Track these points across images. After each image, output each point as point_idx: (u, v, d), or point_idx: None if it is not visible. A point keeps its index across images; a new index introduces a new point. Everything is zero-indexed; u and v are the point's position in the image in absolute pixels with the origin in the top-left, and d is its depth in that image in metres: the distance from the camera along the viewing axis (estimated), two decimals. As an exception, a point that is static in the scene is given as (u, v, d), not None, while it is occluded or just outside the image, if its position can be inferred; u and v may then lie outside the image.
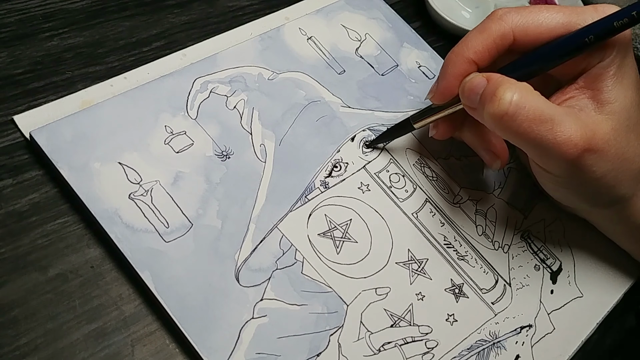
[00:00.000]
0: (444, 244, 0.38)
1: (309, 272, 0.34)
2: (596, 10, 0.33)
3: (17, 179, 0.33)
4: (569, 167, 0.32)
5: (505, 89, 0.31)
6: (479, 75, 0.33)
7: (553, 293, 0.39)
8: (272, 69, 0.40)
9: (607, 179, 0.33)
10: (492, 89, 0.32)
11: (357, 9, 0.46)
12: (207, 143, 0.36)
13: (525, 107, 0.31)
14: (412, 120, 0.38)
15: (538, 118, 0.31)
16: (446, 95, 0.35)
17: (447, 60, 0.35)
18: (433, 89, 0.36)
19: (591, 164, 0.32)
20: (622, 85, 0.33)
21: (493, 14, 0.34)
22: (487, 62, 0.34)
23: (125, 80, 0.37)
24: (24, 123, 0.34)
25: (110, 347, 0.30)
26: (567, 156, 0.31)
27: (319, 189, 0.37)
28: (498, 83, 0.32)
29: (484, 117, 0.32)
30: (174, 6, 0.42)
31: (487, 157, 0.38)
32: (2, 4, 0.38)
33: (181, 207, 0.34)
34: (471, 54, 0.34)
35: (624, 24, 0.31)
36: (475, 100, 0.33)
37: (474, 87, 0.33)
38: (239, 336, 0.31)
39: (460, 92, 0.34)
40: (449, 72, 0.34)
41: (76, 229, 0.33)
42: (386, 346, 0.34)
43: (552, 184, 0.36)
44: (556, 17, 0.33)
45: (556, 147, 0.31)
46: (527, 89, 0.32)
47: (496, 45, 0.33)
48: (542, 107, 0.31)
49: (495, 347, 0.36)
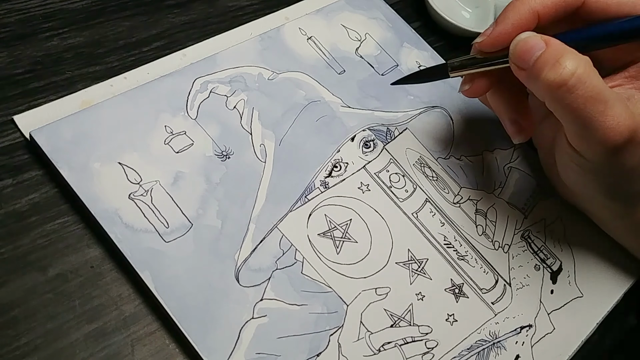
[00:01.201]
0: (444, 244, 0.38)
1: (308, 272, 0.34)
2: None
3: (17, 179, 0.33)
4: (607, 153, 0.32)
5: (570, 58, 0.30)
6: (536, 35, 0.32)
7: (553, 293, 0.39)
8: (272, 69, 0.40)
9: (635, 172, 0.33)
10: (555, 55, 0.30)
11: (357, 9, 0.46)
12: (207, 143, 0.36)
13: (586, 83, 0.30)
14: (450, 67, 0.36)
15: (595, 97, 0.30)
16: (498, 44, 0.33)
17: (510, 5, 0.33)
18: (487, 33, 0.34)
19: (630, 154, 0.32)
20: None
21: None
22: (550, 20, 0.33)
23: (125, 80, 0.37)
24: (24, 123, 0.34)
25: (110, 347, 0.30)
26: (611, 142, 0.31)
27: (319, 189, 0.37)
28: (562, 51, 0.31)
29: (537, 82, 0.31)
30: (174, 6, 0.42)
31: (511, 128, 0.36)
32: (2, 4, 0.38)
33: (181, 207, 0.34)
34: (538, 6, 0.32)
35: None
36: (528, 62, 0.31)
37: (530, 47, 0.31)
38: (239, 336, 0.31)
39: (512, 48, 0.32)
40: (509, 18, 0.33)
41: (76, 229, 0.33)
42: (386, 346, 0.34)
43: (577, 168, 0.35)
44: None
45: (603, 130, 0.31)
46: (589, 64, 0.31)
47: (565, 3, 0.32)
48: (601, 86, 0.30)
49: (495, 347, 0.36)
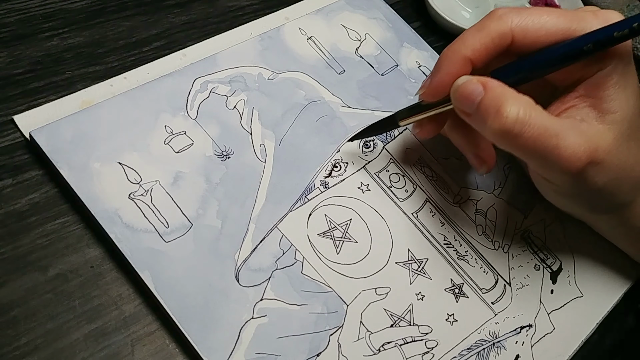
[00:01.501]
0: (444, 243, 0.38)
1: (308, 272, 0.34)
2: (596, 17, 0.32)
3: (17, 179, 0.33)
4: (571, 179, 0.32)
5: (510, 104, 0.30)
6: (473, 79, 0.32)
7: (553, 293, 0.39)
8: (272, 69, 0.40)
9: (608, 188, 0.33)
10: (495, 103, 0.31)
11: (357, 9, 0.46)
12: (207, 143, 0.36)
13: (530, 124, 0.30)
14: (398, 117, 0.37)
15: (543, 134, 0.30)
16: (438, 93, 0.34)
17: (442, 56, 0.34)
18: (425, 85, 0.35)
19: (593, 175, 0.32)
20: (624, 93, 0.32)
21: (493, 13, 0.33)
22: (483, 62, 0.33)
23: (125, 80, 0.37)
24: (24, 123, 0.34)
25: (110, 347, 0.30)
26: (571, 170, 0.31)
27: (319, 188, 0.37)
28: (500, 97, 0.31)
29: (484, 129, 0.32)
30: (174, 6, 0.42)
31: (474, 161, 0.37)
32: (2, 4, 0.38)
33: (181, 207, 0.34)
34: (468, 52, 0.33)
35: (624, 35, 0.30)
36: (470, 107, 0.32)
37: (469, 93, 0.32)
38: (239, 336, 0.31)
39: (453, 94, 0.33)
40: (443, 69, 0.34)
41: (76, 229, 0.33)
42: (386, 346, 0.34)
43: (553, 192, 0.36)
44: (556, 22, 0.32)
45: (560, 161, 0.31)
46: (531, 104, 0.31)
47: (494, 45, 0.33)
48: (547, 123, 0.31)
49: (495, 347, 0.36)
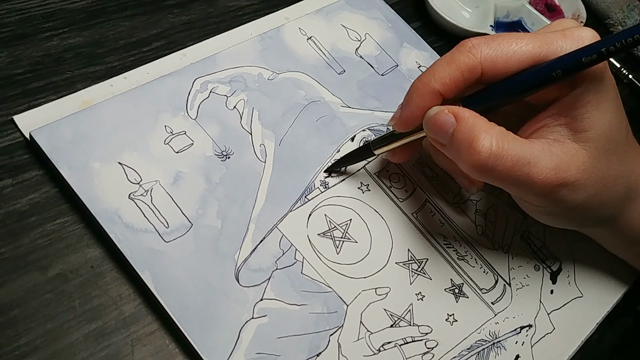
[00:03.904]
0: (444, 244, 0.38)
1: (308, 272, 0.34)
2: (566, 38, 0.32)
3: (17, 179, 0.33)
4: (548, 200, 0.33)
5: (482, 138, 0.31)
6: (444, 110, 0.32)
7: (553, 293, 0.39)
8: (272, 69, 0.40)
9: (589, 204, 0.33)
10: (467, 137, 0.31)
11: (357, 9, 0.46)
12: (207, 143, 0.36)
13: (503, 156, 0.31)
14: (373, 147, 0.37)
15: (516, 163, 0.31)
16: (409, 125, 0.34)
17: (412, 89, 0.34)
18: (396, 117, 0.35)
19: (568, 194, 0.32)
20: (599, 111, 0.32)
21: (462, 45, 0.33)
22: (453, 94, 0.33)
23: (125, 80, 0.37)
24: (24, 123, 0.34)
25: (110, 347, 0.30)
26: (546, 191, 0.32)
27: (319, 189, 0.37)
28: (473, 130, 0.31)
29: (459, 162, 0.32)
30: (174, 6, 0.42)
31: (463, 182, 0.38)
32: (2, 4, 0.38)
33: (181, 207, 0.34)
34: (438, 86, 0.33)
35: (593, 60, 0.30)
36: (444, 138, 0.32)
37: (441, 125, 0.32)
38: (239, 336, 0.31)
39: (425, 126, 0.33)
40: (413, 102, 0.33)
41: (76, 229, 0.33)
42: (386, 346, 0.34)
43: (536, 212, 0.36)
44: (525, 49, 0.32)
45: (533, 186, 0.31)
46: (503, 134, 0.31)
47: (464, 78, 0.32)
48: (519, 151, 0.31)
49: (495, 347, 0.36)
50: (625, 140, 0.34)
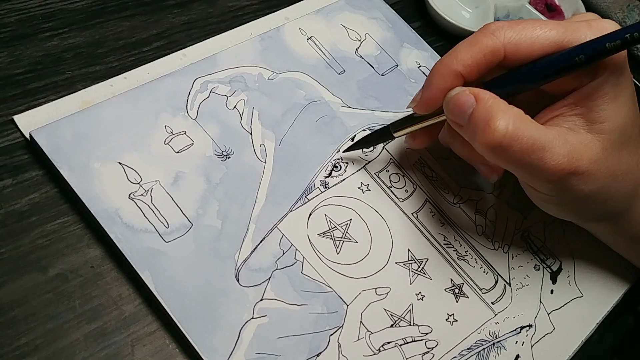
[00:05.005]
0: (444, 244, 0.38)
1: (308, 272, 0.34)
2: (590, 27, 0.32)
3: (17, 179, 0.33)
4: (555, 187, 0.33)
5: (499, 117, 0.30)
6: (465, 90, 0.32)
7: (553, 293, 0.39)
8: (272, 69, 0.40)
9: (597, 196, 0.33)
10: (484, 116, 0.31)
11: (357, 9, 0.46)
12: (207, 143, 0.36)
13: (519, 138, 0.30)
14: (392, 129, 0.37)
15: (531, 147, 0.31)
16: (430, 107, 0.34)
17: (433, 70, 0.34)
18: (416, 99, 0.35)
19: (577, 184, 0.32)
20: (615, 104, 0.32)
21: (485, 28, 0.33)
22: (475, 77, 0.33)
23: (125, 80, 0.37)
24: (24, 123, 0.34)
25: (110, 347, 0.30)
26: (555, 179, 0.32)
27: (319, 189, 0.37)
28: (491, 110, 0.31)
29: (474, 143, 0.32)
30: (174, 6, 0.42)
31: (483, 169, 0.37)
32: (2, 4, 0.38)
33: (181, 207, 0.34)
34: (460, 67, 0.33)
35: (617, 46, 0.30)
36: (463, 119, 0.32)
37: (460, 104, 0.32)
38: (239, 336, 0.31)
39: (445, 107, 0.33)
40: (434, 83, 0.33)
41: (76, 229, 0.33)
42: (386, 346, 0.34)
43: (542, 201, 0.36)
44: (549, 35, 0.32)
45: (544, 172, 0.31)
46: (520, 117, 0.31)
47: (486, 60, 0.32)
48: (535, 135, 0.31)
49: (495, 347, 0.36)
50: (638, 136, 0.34)
